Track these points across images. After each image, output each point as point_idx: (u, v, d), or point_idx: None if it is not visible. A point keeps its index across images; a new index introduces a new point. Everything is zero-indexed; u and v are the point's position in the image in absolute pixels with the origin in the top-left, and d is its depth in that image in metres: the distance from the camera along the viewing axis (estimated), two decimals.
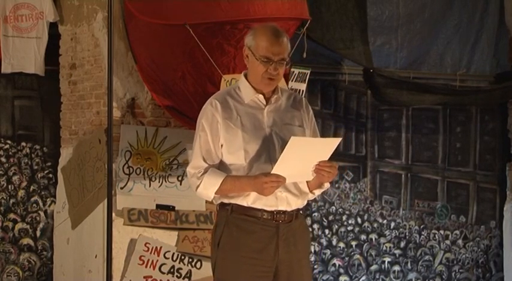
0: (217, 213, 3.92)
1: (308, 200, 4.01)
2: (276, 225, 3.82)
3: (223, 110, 3.81)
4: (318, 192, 3.95)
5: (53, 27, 6.57)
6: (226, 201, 3.84)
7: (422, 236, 7.74)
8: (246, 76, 3.90)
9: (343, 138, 7.31)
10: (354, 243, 7.49)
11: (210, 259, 3.96)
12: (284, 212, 3.83)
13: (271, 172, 3.67)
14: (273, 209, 3.81)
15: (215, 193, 3.80)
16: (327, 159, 3.77)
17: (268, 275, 3.83)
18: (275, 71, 3.78)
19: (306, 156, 3.70)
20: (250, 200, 3.79)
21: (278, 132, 3.85)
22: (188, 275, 6.16)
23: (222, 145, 3.81)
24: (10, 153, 6.77)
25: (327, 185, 3.95)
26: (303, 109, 3.98)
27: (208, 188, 3.78)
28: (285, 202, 3.83)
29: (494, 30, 7.82)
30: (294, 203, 3.87)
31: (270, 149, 3.80)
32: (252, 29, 3.91)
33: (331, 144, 3.78)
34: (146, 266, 6.07)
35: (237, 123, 3.81)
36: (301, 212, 3.97)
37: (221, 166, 3.83)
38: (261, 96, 3.86)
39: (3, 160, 6.74)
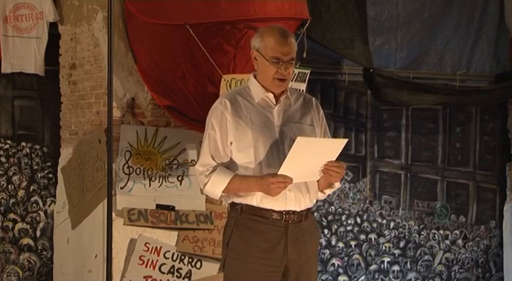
0: (228, 213, 3.94)
1: (318, 200, 4.02)
2: (285, 225, 3.84)
3: (233, 108, 3.84)
4: (328, 191, 3.98)
5: (53, 27, 6.57)
6: (236, 201, 3.86)
7: (421, 236, 7.74)
8: (255, 77, 3.93)
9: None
10: (353, 243, 7.50)
11: (221, 258, 3.97)
12: (294, 212, 3.85)
13: (278, 173, 3.69)
14: (282, 209, 3.83)
15: (222, 192, 3.81)
16: (334, 159, 3.78)
17: (277, 275, 3.85)
18: (286, 70, 3.82)
19: (312, 156, 3.71)
20: (259, 199, 3.81)
21: (288, 130, 3.87)
22: (188, 275, 6.16)
23: (231, 143, 3.83)
24: (10, 153, 6.77)
25: (337, 184, 3.98)
26: (313, 109, 4.01)
27: (216, 186, 3.80)
28: (294, 201, 3.84)
29: (494, 30, 7.82)
30: (304, 203, 3.88)
31: (279, 147, 3.83)
32: (258, 31, 3.93)
33: (338, 145, 3.80)
34: (146, 266, 6.07)
35: (246, 121, 3.83)
36: (311, 212, 3.98)
37: (230, 164, 3.85)
38: (271, 95, 3.89)
39: (3, 160, 6.73)
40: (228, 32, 5.43)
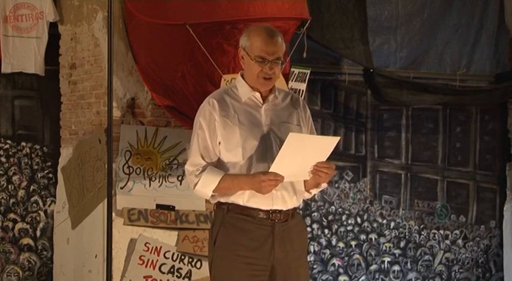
0: (214, 212, 3.94)
1: (306, 200, 4.02)
2: (271, 224, 3.83)
3: (221, 108, 3.83)
4: (314, 191, 3.97)
5: (53, 27, 6.57)
6: (223, 200, 3.86)
7: (422, 236, 7.74)
8: (242, 76, 3.93)
9: (343, 138, 7.33)
10: (353, 243, 7.49)
11: (208, 257, 3.98)
12: (280, 211, 3.84)
13: (270, 170, 3.68)
14: (268, 208, 3.82)
15: (213, 191, 3.81)
16: (325, 159, 3.78)
17: (264, 274, 3.84)
18: (270, 70, 3.81)
19: (304, 154, 3.70)
20: (246, 197, 3.80)
21: (275, 130, 3.86)
22: (188, 275, 6.17)
23: (219, 143, 3.83)
24: (10, 153, 6.77)
25: (323, 184, 3.96)
26: (300, 108, 4.00)
27: (206, 186, 3.80)
28: (280, 200, 3.83)
29: (494, 30, 7.83)
30: (290, 202, 3.87)
31: (267, 146, 3.82)
32: (246, 30, 3.93)
33: (330, 143, 3.78)
34: (146, 266, 6.07)
35: (234, 120, 3.82)
36: (298, 211, 3.97)
37: (218, 164, 3.84)
38: (257, 95, 3.89)
39: (3, 159, 6.74)
40: (228, 32, 5.43)
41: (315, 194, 4.04)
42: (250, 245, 3.81)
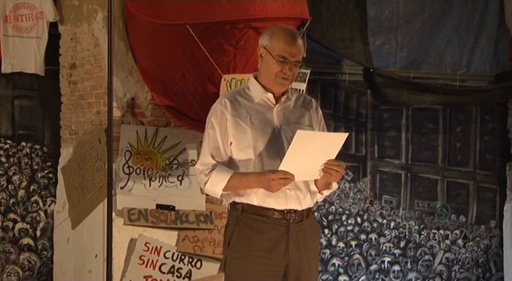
0: (229, 212, 3.95)
1: (316, 201, 4.03)
2: (286, 224, 3.84)
3: (233, 108, 3.85)
4: (326, 193, 3.98)
5: (53, 27, 6.57)
6: (237, 200, 3.87)
7: (422, 236, 7.74)
8: (255, 78, 3.94)
9: None
10: (353, 243, 7.50)
11: (221, 258, 3.98)
12: (295, 211, 3.86)
13: (279, 168, 3.69)
14: (283, 208, 3.83)
15: (223, 190, 3.82)
16: (334, 157, 3.79)
17: (278, 275, 3.86)
18: (290, 71, 3.84)
19: (313, 151, 3.70)
20: (260, 198, 3.81)
21: (287, 130, 3.88)
22: (188, 275, 6.17)
23: (231, 143, 3.84)
24: (10, 153, 6.77)
25: (335, 185, 3.98)
26: (312, 110, 4.03)
27: (216, 184, 3.81)
28: (294, 200, 3.85)
29: (494, 30, 7.82)
30: (304, 202, 3.89)
31: (279, 147, 3.83)
32: (268, 29, 3.95)
33: (338, 139, 3.80)
34: (146, 266, 6.07)
35: (246, 121, 3.84)
36: (312, 212, 3.99)
37: (230, 163, 3.85)
38: (270, 95, 3.90)
39: (3, 159, 6.74)
40: (228, 32, 5.43)
41: (326, 196, 4.05)
42: (265, 246, 3.83)
